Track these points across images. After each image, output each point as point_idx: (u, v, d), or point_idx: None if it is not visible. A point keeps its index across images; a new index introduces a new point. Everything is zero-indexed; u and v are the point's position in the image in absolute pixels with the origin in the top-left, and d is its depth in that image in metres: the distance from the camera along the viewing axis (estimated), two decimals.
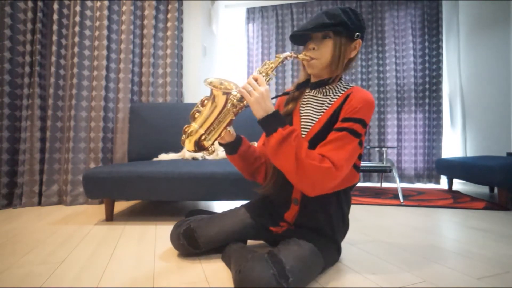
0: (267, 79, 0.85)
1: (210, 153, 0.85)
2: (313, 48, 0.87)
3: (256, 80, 0.80)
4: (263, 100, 0.78)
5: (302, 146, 0.76)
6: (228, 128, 0.87)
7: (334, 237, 0.90)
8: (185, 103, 2.22)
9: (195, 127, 0.82)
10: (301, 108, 0.95)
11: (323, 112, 0.89)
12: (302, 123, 0.92)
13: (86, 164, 2.01)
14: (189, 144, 0.82)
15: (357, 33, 0.86)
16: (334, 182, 0.78)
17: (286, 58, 0.86)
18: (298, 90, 0.97)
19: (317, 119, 0.89)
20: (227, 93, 0.81)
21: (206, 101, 0.83)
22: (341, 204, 0.91)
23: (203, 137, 0.83)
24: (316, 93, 0.94)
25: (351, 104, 0.82)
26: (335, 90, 0.91)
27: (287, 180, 0.85)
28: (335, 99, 0.89)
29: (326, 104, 0.89)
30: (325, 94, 0.92)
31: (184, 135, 0.84)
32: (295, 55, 0.87)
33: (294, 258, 0.74)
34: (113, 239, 1.22)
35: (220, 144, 0.94)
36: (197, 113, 0.83)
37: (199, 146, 0.83)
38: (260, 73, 0.85)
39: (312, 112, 0.92)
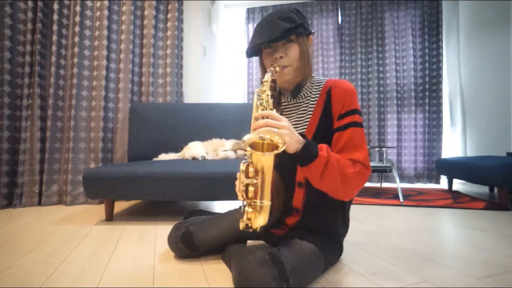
0: (269, 107, 0.78)
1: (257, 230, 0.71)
2: (281, 57, 0.84)
3: (268, 116, 0.71)
4: (293, 133, 0.72)
5: (339, 159, 0.77)
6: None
7: (337, 237, 0.89)
8: (185, 103, 2.22)
9: (263, 203, 0.68)
10: (288, 114, 0.93)
11: (311, 112, 0.88)
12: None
13: (86, 164, 2.01)
14: (263, 220, 0.68)
15: (311, 30, 0.87)
16: (366, 180, 0.81)
17: (271, 78, 0.81)
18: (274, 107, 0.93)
19: (308, 121, 0.88)
20: (276, 153, 0.66)
21: (250, 167, 0.68)
22: (344, 206, 0.91)
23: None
24: (291, 99, 0.93)
25: (339, 99, 0.84)
26: (311, 88, 0.91)
27: (287, 193, 0.87)
28: (316, 96, 0.89)
29: (310, 104, 0.89)
30: (303, 97, 0.91)
31: (247, 218, 0.68)
32: (275, 71, 0.83)
33: (295, 260, 0.74)
34: (113, 239, 1.22)
35: None
36: (250, 186, 0.68)
37: (270, 215, 0.70)
38: (262, 105, 0.78)
39: (300, 117, 0.90)
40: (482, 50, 2.98)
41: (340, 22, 3.32)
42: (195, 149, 1.82)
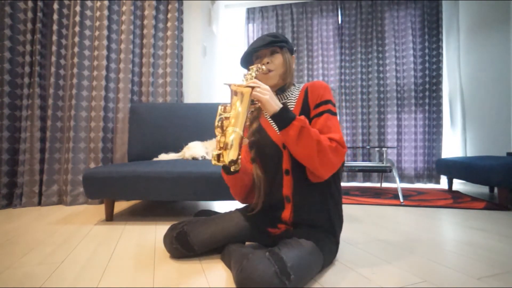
0: None
1: (237, 169, 0.79)
2: (267, 63, 1.00)
3: (256, 82, 0.87)
4: (273, 96, 0.86)
5: (316, 131, 0.84)
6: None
7: (332, 230, 0.92)
8: (185, 103, 2.22)
9: (235, 130, 0.74)
10: (269, 119, 1.02)
11: (291, 109, 0.98)
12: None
13: (86, 164, 2.01)
14: (234, 153, 0.73)
15: (294, 49, 1.06)
16: (343, 159, 0.88)
17: (257, 69, 0.95)
18: (255, 109, 1.05)
19: None
20: (251, 87, 0.81)
21: (226, 106, 0.80)
22: (332, 191, 0.94)
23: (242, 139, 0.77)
24: (279, 99, 1.03)
25: (314, 93, 0.96)
26: (292, 92, 1.04)
27: (274, 181, 0.95)
28: (296, 97, 1.01)
29: (292, 103, 1.01)
30: (286, 98, 1.04)
31: (219, 148, 0.75)
32: (261, 68, 0.97)
33: (295, 256, 0.75)
34: (113, 239, 1.22)
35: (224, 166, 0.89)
36: (224, 120, 0.77)
37: (240, 148, 0.76)
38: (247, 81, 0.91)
39: None
40: (482, 50, 2.98)
41: (340, 22, 3.32)
42: (195, 149, 1.82)
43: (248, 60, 1.06)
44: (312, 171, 0.89)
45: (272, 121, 1.00)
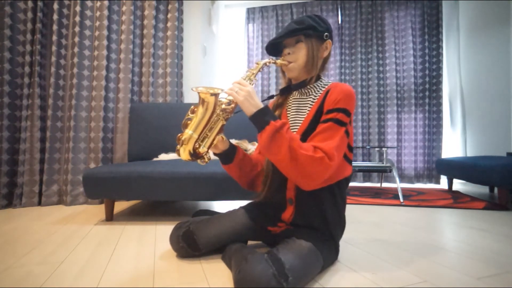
0: (250, 84, 0.89)
1: (206, 161, 0.85)
2: (289, 53, 0.94)
3: (239, 83, 0.83)
4: (251, 97, 0.81)
5: (294, 138, 0.79)
6: (221, 135, 0.89)
7: (332, 235, 0.90)
8: (185, 103, 2.22)
9: (189, 132, 0.81)
10: (287, 112, 1.00)
11: (308, 110, 0.93)
12: (290, 124, 0.95)
13: (86, 164, 2.01)
14: (184, 152, 0.82)
15: (325, 34, 0.93)
16: (328, 172, 0.79)
17: (265, 64, 0.91)
18: (282, 96, 1.03)
19: (303, 118, 0.93)
20: (215, 94, 0.81)
21: (195, 108, 0.83)
22: (336, 200, 0.92)
23: (197, 144, 0.83)
24: (299, 95, 0.99)
25: (332, 97, 0.88)
26: (316, 88, 0.96)
27: (280, 181, 0.92)
28: (317, 97, 0.93)
29: (310, 103, 0.94)
30: (307, 95, 0.97)
31: (178, 145, 0.83)
32: (273, 61, 0.93)
33: (294, 257, 0.75)
34: (113, 239, 1.22)
35: (215, 154, 0.96)
36: (188, 121, 0.83)
37: (194, 153, 0.83)
38: (244, 79, 0.89)
39: (297, 112, 0.97)
40: (482, 50, 2.98)
41: (340, 22, 3.32)
42: None
43: (278, 47, 0.99)
44: (290, 179, 0.86)
45: (289, 116, 0.98)
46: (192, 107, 0.84)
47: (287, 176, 0.84)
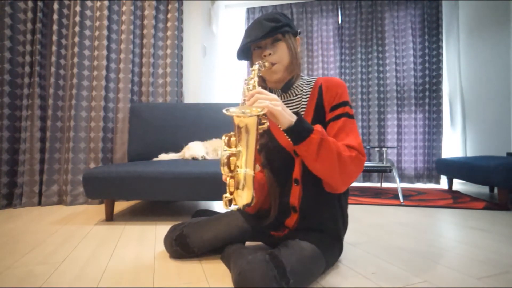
0: None
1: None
2: (270, 54, 0.86)
3: (261, 93, 0.72)
4: (284, 107, 0.73)
5: (335, 141, 0.76)
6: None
7: (337, 236, 0.89)
8: (185, 103, 2.22)
9: (242, 172, 0.65)
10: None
11: (303, 109, 0.90)
12: None
13: (86, 164, 2.01)
14: (245, 196, 0.65)
15: (299, 30, 0.90)
16: (362, 168, 0.79)
17: (259, 69, 0.83)
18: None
19: None
20: (256, 115, 0.65)
21: (231, 138, 0.68)
22: (341, 202, 0.91)
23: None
24: (284, 97, 0.94)
25: (331, 92, 0.86)
26: (302, 86, 0.93)
27: (281, 191, 0.87)
28: (308, 94, 0.90)
29: (303, 101, 0.91)
30: (294, 94, 0.93)
31: (227, 192, 0.66)
32: (263, 65, 0.84)
33: (295, 260, 0.73)
34: (113, 239, 1.22)
35: None
36: (232, 157, 0.67)
37: (253, 189, 0.66)
38: (250, 90, 0.79)
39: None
40: (482, 50, 2.98)
41: (340, 22, 3.32)
42: (195, 149, 1.82)
43: (245, 50, 0.91)
44: (329, 185, 0.81)
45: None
46: (224, 138, 0.69)
47: (325, 180, 0.80)
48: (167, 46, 2.30)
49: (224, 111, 0.66)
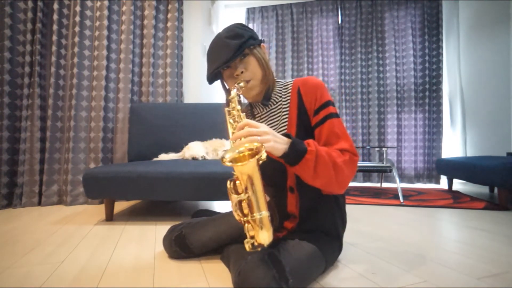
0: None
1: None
2: (242, 72, 0.84)
3: (249, 125, 0.70)
4: (275, 135, 0.71)
5: (327, 151, 0.75)
6: None
7: (336, 234, 0.89)
8: (185, 103, 2.22)
9: (258, 216, 0.66)
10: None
11: (286, 115, 0.89)
12: None
13: (86, 164, 2.01)
14: (267, 236, 0.67)
15: (262, 39, 0.89)
16: (356, 168, 0.80)
17: (237, 94, 0.81)
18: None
19: (285, 125, 0.88)
20: (255, 156, 0.65)
21: (236, 183, 0.69)
22: (338, 202, 0.91)
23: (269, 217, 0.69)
24: (266, 108, 0.93)
25: (310, 95, 0.85)
26: (280, 92, 0.92)
27: (277, 202, 0.87)
28: (288, 99, 0.89)
29: (284, 108, 0.89)
30: (274, 103, 0.91)
31: (250, 236, 0.68)
32: (240, 87, 0.82)
33: (295, 260, 0.74)
34: (113, 239, 1.22)
35: None
36: (243, 202, 0.68)
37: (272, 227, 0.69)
38: (235, 121, 0.79)
39: (276, 122, 0.90)
40: (482, 50, 2.98)
41: (340, 22, 3.31)
42: (195, 149, 1.82)
43: (217, 74, 0.87)
44: (326, 191, 0.82)
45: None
46: (229, 184, 0.69)
47: (323, 189, 0.80)
48: (167, 46, 2.30)
49: (223, 162, 0.65)
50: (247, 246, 0.68)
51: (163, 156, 1.89)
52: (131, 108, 2.08)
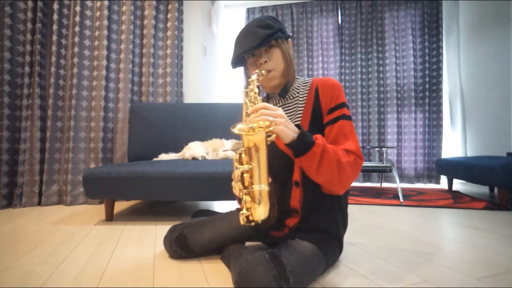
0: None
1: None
2: (265, 61, 0.86)
3: (267, 108, 0.72)
4: (288, 121, 0.73)
5: (334, 149, 0.77)
6: None
7: (337, 235, 0.89)
8: (185, 103, 2.22)
9: (257, 188, 0.67)
10: None
11: (301, 111, 0.90)
12: None
13: (86, 164, 2.01)
14: (263, 211, 0.68)
15: (289, 34, 0.92)
16: (360, 171, 0.81)
17: (257, 79, 0.83)
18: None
19: (299, 120, 0.90)
20: (267, 132, 0.67)
21: (243, 154, 0.70)
22: (341, 202, 0.91)
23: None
24: (281, 101, 0.95)
25: (327, 94, 0.87)
26: (298, 89, 0.94)
27: (280, 195, 0.87)
28: (305, 96, 0.91)
29: (300, 104, 0.91)
30: (291, 98, 0.94)
31: (244, 209, 0.69)
32: (261, 74, 0.84)
33: (295, 260, 0.74)
34: (113, 239, 1.22)
35: None
36: (244, 175, 0.70)
37: (271, 204, 0.70)
38: (251, 101, 0.81)
39: (290, 116, 0.92)
40: (482, 50, 2.98)
41: (340, 22, 3.32)
42: (195, 149, 1.82)
43: (239, 58, 0.91)
44: (328, 189, 0.83)
45: None
46: (235, 155, 0.71)
47: (325, 186, 0.81)
48: (167, 46, 2.30)
49: (232, 129, 0.67)
50: (241, 219, 0.69)
51: (163, 156, 1.89)
52: (131, 108, 2.08)
